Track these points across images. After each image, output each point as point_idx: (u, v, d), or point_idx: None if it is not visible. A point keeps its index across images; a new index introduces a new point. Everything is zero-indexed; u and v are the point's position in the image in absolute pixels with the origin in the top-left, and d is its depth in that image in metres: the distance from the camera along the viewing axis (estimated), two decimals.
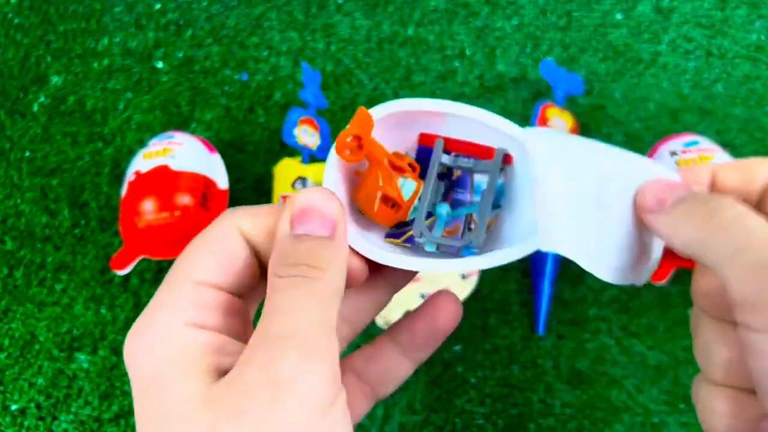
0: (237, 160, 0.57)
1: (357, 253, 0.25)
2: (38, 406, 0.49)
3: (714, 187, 0.24)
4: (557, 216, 0.25)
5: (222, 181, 0.52)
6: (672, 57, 0.59)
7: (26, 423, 0.49)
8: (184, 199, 0.48)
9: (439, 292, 0.27)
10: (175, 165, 0.50)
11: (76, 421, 0.48)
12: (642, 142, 0.55)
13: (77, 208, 0.56)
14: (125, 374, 0.49)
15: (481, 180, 0.28)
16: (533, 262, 0.50)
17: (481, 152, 0.28)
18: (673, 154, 0.48)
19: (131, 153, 0.58)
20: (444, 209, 0.29)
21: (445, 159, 0.28)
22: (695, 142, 0.48)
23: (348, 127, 0.28)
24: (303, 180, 0.51)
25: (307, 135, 0.53)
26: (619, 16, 0.62)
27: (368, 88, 0.60)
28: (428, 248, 0.27)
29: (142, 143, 0.59)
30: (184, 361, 0.20)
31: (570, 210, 0.25)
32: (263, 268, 0.23)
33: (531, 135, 0.26)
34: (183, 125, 0.59)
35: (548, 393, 0.47)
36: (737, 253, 0.20)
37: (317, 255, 0.21)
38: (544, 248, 0.25)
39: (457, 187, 0.29)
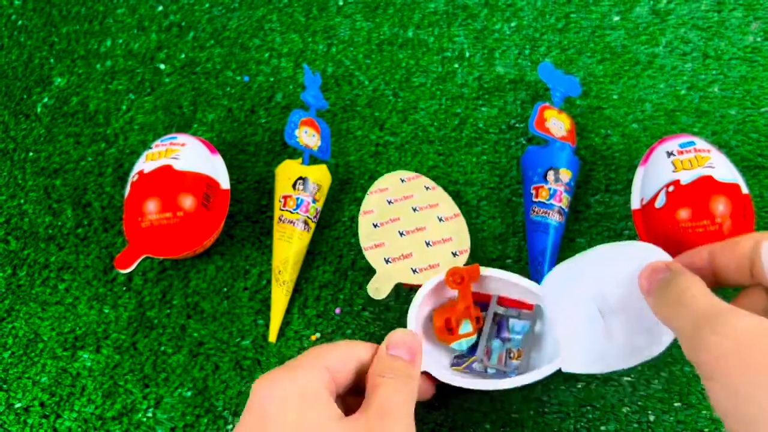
0: (239, 161, 0.58)
1: (427, 378, 0.42)
2: (42, 405, 0.50)
3: (713, 265, 0.35)
4: (569, 346, 0.41)
5: (224, 181, 0.52)
6: (669, 59, 0.60)
7: (30, 421, 0.49)
8: (187, 200, 0.49)
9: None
10: (178, 166, 0.50)
11: (79, 419, 0.49)
12: (639, 143, 0.56)
13: (80, 208, 0.57)
14: (128, 372, 0.50)
15: (514, 323, 0.46)
16: (531, 263, 0.50)
17: (520, 305, 0.46)
18: (670, 154, 0.48)
19: (134, 154, 0.59)
20: (497, 343, 0.46)
21: (500, 310, 0.46)
22: (691, 143, 0.48)
23: (464, 267, 0.45)
24: (304, 180, 0.52)
25: (307, 136, 0.54)
26: (616, 18, 0.62)
27: (368, 90, 0.60)
28: (489, 371, 0.44)
29: (144, 144, 0.59)
30: (322, 399, 0.33)
31: (577, 334, 0.40)
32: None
33: (545, 290, 0.43)
34: (185, 126, 0.60)
35: (545, 391, 0.47)
36: (679, 320, 0.31)
37: (405, 369, 0.37)
38: (565, 369, 0.41)
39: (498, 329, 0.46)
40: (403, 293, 0.51)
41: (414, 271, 0.46)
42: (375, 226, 0.49)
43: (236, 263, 0.53)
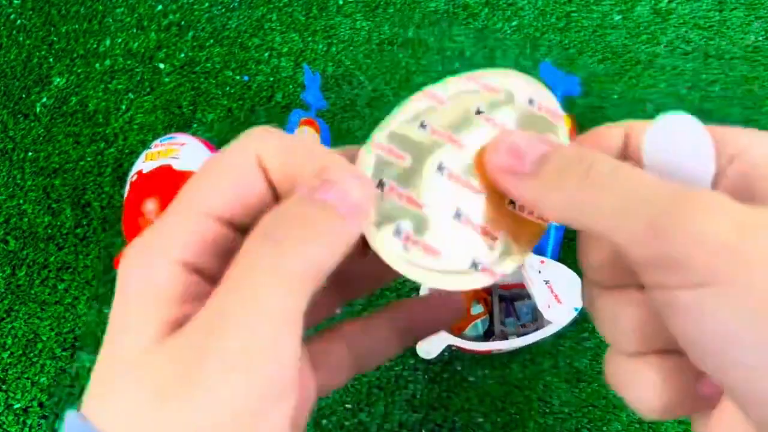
0: None
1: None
2: (41, 405, 0.49)
3: (627, 150, 0.20)
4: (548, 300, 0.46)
5: None
6: (670, 58, 0.60)
7: (29, 422, 0.49)
8: None
9: (449, 294, 0.26)
10: (177, 166, 0.50)
11: None
12: None
13: (79, 208, 0.57)
14: None
15: (520, 306, 0.51)
16: None
17: (521, 286, 0.50)
18: None
19: (133, 153, 0.58)
20: (511, 320, 0.51)
21: (504, 293, 0.52)
22: None
23: None
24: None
25: (308, 136, 0.54)
26: (617, 18, 0.62)
27: (368, 90, 0.60)
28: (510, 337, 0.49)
29: (144, 144, 0.59)
30: (148, 309, 0.18)
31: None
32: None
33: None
34: (185, 126, 0.60)
35: (547, 391, 0.47)
36: (626, 213, 0.17)
37: (312, 221, 0.18)
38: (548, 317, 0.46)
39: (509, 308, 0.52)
40: (405, 291, 0.51)
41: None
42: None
43: None
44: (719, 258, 0.16)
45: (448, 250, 0.20)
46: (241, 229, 0.19)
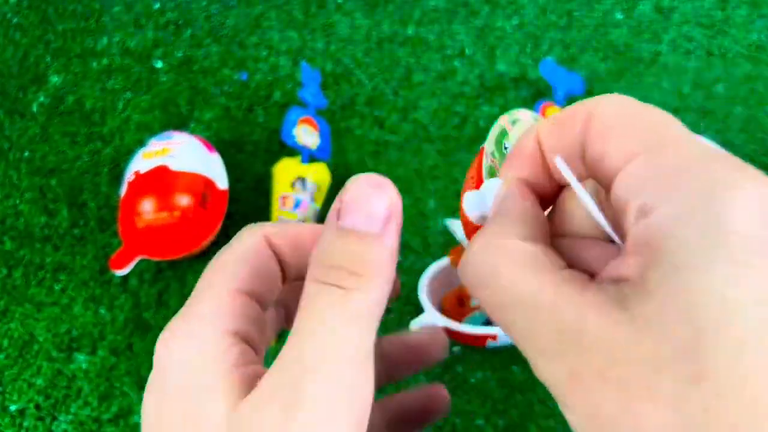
0: (236, 160, 0.57)
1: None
2: (37, 407, 0.49)
3: (543, 152, 0.19)
4: None
5: (221, 181, 0.52)
6: (672, 57, 0.59)
7: (25, 423, 0.48)
8: (184, 200, 0.48)
9: (435, 331, 0.27)
10: (175, 165, 0.49)
11: (75, 422, 0.48)
12: None
13: (76, 208, 0.56)
14: (125, 375, 0.49)
15: None
16: None
17: None
18: None
19: (130, 153, 0.58)
20: None
21: None
22: None
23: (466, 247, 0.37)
24: (302, 180, 0.51)
25: (306, 134, 0.53)
26: (619, 16, 0.62)
27: (368, 88, 0.60)
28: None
29: (141, 143, 0.58)
30: (217, 374, 0.18)
31: None
32: (285, 278, 0.23)
33: None
34: (182, 125, 0.59)
35: (548, 394, 0.46)
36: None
37: (359, 257, 0.18)
38: None
39: None
40: (403, 293, 0.50)
41: None
42: None
43: None
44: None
45: None
46: (259, 300, 0.21)
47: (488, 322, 0.47)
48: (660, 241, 0.14)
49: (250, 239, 0.22)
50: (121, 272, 0.48)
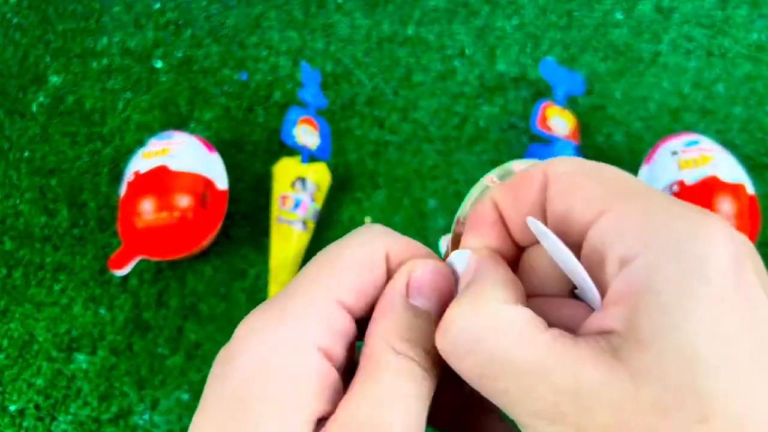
0: (236, 160, 0.57)
1: None
2: (37, 407, 0.49)
3: (503, 217, 0.20)
4: None
5: (221, 181, 0.52)
6: (672, 56, 0.59)
7: (25, 424, 0.48)
8: (183, 200, 0.48)
9: None
10: (174, 165, 0.49)
11: (75, 422, 0.48)
12: (642, 142, 0.55)
13: (76, 208, 0.56)
14: (124, 374, 0.49)
15: None
16: None
17: None
18: (674, 153, 0.47)
19: (130, 153, 0.58)
20: None
21: None
22: (696, 142, 0.48)
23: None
24: (302, 180, 0.51)
25: (306, 134, 0.53)
26: (619, 16, 0.62)
27: (368, 88, 0.60)
28: None
29: (141, 143, 0.58)
30: (293, 395, 0.17)
31: None
32: None
33: None
34: (182, 125, 0.59)
35: None
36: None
37: (431, 339, 0.17)
38: None
39: None
40: None
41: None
42: None
43: (234, 264, 0.53)
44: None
45: None
46: (355, 314, 0.19)
47: None
48: (645, 287, 0.15)
49: (371, 250, 0.19)
50: (120, 272, 0.48)
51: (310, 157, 0.54)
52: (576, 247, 0.17)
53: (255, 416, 0.16)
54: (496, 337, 0.16)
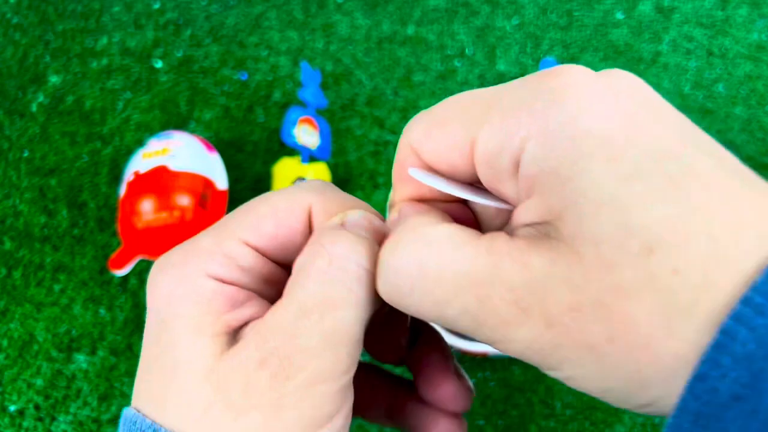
0: (236, 160, 0.57)
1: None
2: (37, 407, 0.49)
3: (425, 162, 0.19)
4: None
5: (221, 181, 0.52)
6: (673, 56, 0.59)
7: (25, 424, 0.48)
8: (183, 200, 0.48)
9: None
10: (174, 165, 0.49)
11: (74, 422, 0.48)
12: None
13: (76, 208, 0.56)
14: (124, 375, 0.49)
15: None
16: None
17: None
18: None
19: (130, 153, 0.58)
20: None
21: None
22: None
23: None
24: (302, 180, 0.51)
25: (306, 134, 0.53)
26: (619, 16, 0.62)
27: (368, 88, 0.60)
28: None
29: (140, 143, 0.58)
30: (197, 316, 0.18)
31: None
32: None
33: None
34: (182, 125, 0.59)
35: (549, 394, 0.46)
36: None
37: (358, 247, 0.18)
38: None
39: None
40: None
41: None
42: None
43: None
44: None
45: None
46: (274, 260, 0.20)
47: None
48: (542, 172, 0.15)
49: (289, 201, 0.20)
50: (120, 272, 0.48)
51: (310, 157, 0.54)
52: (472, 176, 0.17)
53: (168, 339, 0.18)
54: (438, 253, 0.16)
